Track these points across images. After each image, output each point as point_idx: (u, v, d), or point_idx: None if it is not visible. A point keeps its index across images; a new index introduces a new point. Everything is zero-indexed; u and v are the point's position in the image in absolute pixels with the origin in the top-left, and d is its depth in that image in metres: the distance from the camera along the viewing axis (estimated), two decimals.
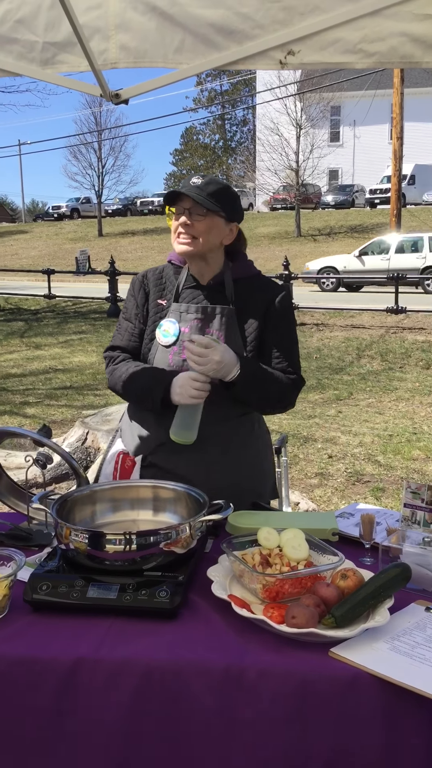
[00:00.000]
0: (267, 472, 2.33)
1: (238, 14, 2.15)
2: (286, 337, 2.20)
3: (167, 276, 2.23)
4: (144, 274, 2.27)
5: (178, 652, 1.40)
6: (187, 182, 2.08)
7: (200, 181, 2.06)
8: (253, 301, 2.16)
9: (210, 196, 2.04)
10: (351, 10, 2.04)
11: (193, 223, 2.05)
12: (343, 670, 1.36)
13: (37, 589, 1.55)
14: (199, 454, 2.10)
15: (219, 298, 2.15)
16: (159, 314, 2.19)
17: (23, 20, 2.28)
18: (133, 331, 2.23)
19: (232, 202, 2.10)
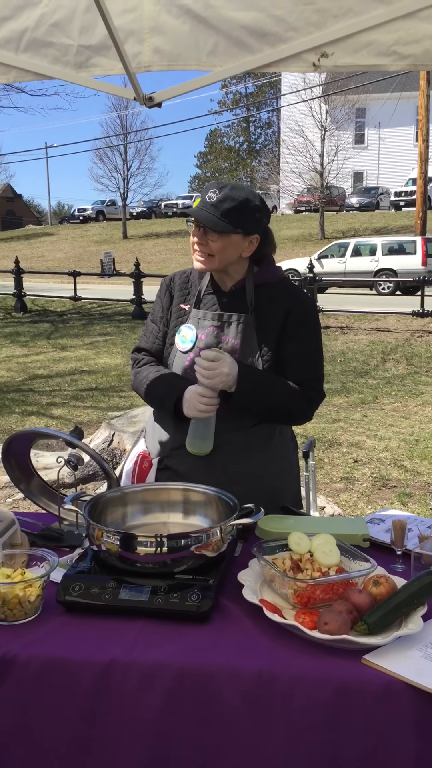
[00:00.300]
0: (290, 480, 2.28)
1: (271, 16, 2.14)
2: (306, 346, 2.13)
3: (192, 280, 2.21)
4: (171, 277, 2.26)
5: (209, 655, 1.40)
6: (204, 195, 2.02)
7: (215, 198, 1.98)
8: (273, 307, 2.10)
9: (225, 216, 1.97)
10: (385, 13, 2.03)
11: (207, 242, 2.01)
12: (376, 678, 1.34)
13: (70, 590, 1.56)
14: (213, 461, 2.09)
15: (239, 305, 2.11)
16: (180, 319, 2.18)
17: (58, 24, 2.30)
18: (157, 333, 2.23)
19: (251, 217, 2.02)
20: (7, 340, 12.43)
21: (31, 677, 1.39)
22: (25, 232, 47.69)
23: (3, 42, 2.39)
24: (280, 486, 2.22)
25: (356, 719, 1.32)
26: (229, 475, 2.05)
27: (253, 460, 2.14)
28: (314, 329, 2.17)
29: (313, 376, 2.14)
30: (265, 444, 2.16)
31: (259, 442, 2.15)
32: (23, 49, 2.39)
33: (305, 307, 2.15)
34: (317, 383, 2.15)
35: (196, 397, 1.98)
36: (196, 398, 1.98)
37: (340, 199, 37.17)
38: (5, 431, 6.61)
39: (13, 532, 1.84)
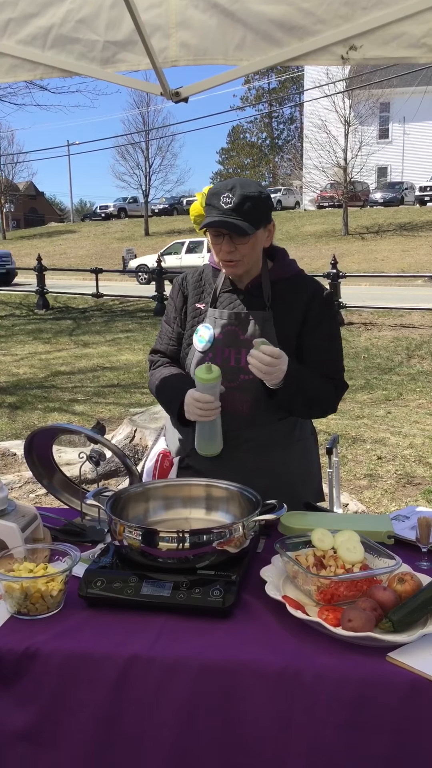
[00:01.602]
0: (311, 475, 2.28)
1: (299, 9, 2.12)
2: (327, 339, 2.12)
3: (206, 278, 2.19)
4: (183, 277, 2.23)
5: (232, 651, 1.40)
6: (217, 202, 1.94)
7: (232, 201, 1.92)
8: (291, 302, 2.09)
9: (248, 217, 1.93)
10: (415, 3, 1.99)
11: (236, 248, 1.98)
12: (402, 676, 1.33)
13: (92, 584, 1.56)
14: (235, 458, 2.09)
15: (256, 302, 2.09)
16: (197, 318, 2.16)
17: (85, 20, 2.29)
18: (171, 335, 2.22)
19: (267, 207, 2.00)
20: (30, 337, 12.53)
21: (53, 671, 1.40)
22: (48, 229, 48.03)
23: (29, 39, 2.39)
24: (302, 481, 2.21)
25: (380, 717, 1.31)
26: (251, 472, 2.05)
27: (274, 456, 2.13)
28: (334, 321, 2.18)
29: (337, 368, 2.15)
30: (287, 440, 2.16)
31: (281, 438, 2.14)
32: (50, 45, 2.40)
33: (324, 300, 2.14)
34: (341, 374, 2.17)
35: (192, 402, 1.97)
36: (193, 404, 1.97)
37: (364, 195, 36.88)
38: (28, 427, 6.66)
39: (35, 527, 1.85)
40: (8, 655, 1.41)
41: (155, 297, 14.86)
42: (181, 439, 2.20)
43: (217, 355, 2.07)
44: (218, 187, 1.97)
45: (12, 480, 5.03)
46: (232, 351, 2.06)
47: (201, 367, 1.94)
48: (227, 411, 2.05)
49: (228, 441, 2.08)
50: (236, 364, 2.06)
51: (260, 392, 2.04)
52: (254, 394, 2.06)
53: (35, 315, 15.17)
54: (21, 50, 2.41)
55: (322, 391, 2.09)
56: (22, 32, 2.37)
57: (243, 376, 2.05)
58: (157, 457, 2.29)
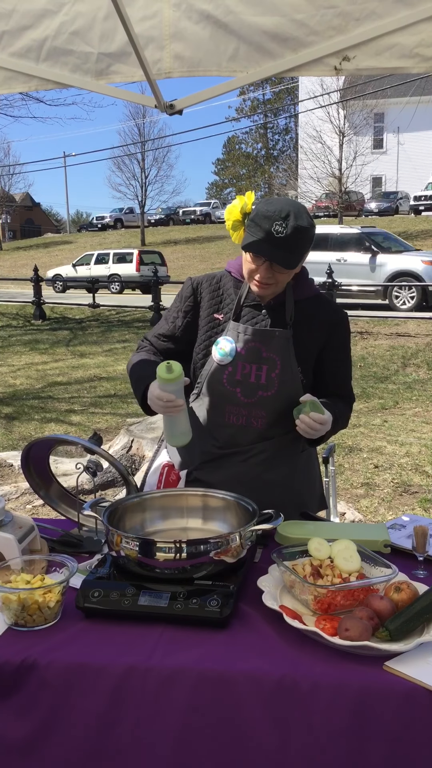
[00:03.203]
0: (314, 485, 2.30)
1: (292, 21, 2.13)
2: (345, 362, 2.20)
3: (225, 288, 2.17)
4: (199, 282, 2.19)
5: (229, 661, 1.39)
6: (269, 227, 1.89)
7: (285, 231, 1.89)
8: (313, 323, 2.11)
9: (298, 250, 1.94)
10: (408, 16, 2.01)
11: (274, 274, 1.98)
12: (399, 685, 1.33)
13: (89, 596, 1.56)
14: (243, 471, 2.10)
15: (278, 319, 2.09)
16: (214, 329, 2.14)
17: (78, 32, 2.30)
18: (165, 332, 2.21)
19: (313, 239, 1.99)
20: (27, 348, 12.52)
21: (51, 682, 1.39)
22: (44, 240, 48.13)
23: (24, 51, 2.40)
24: (308, 490, 2.25)
25: (378, 726, 1.31)
26: (263, 484, 2.08)
27: (283, 467, 2.15)
28: (350, 342, 2.23)
29: (350, 385, 2.23)
30: (293, 451, 2.18)
31: (288, 450, 2.17)
32: (44, 58, 2.41)
33: (343, 322, 2.18)
34: (352, 391, 2.25)
35: (154, 399, 1.95)
36: (155, 400, 1.94)
37: (359, 204, 37.05)
38: (25, 438, 6.65)
39: (32, 538, 1.84)
40: (5, 666, 1.41)
41: (152, 307, 14.88)
42: (187, 452, 2.19)
43: (238, 370, 2.07)
44: (272, 210, 1.92)
45: (9, 491, 5.02)
46: (254, 367, 2.07)
47: (161, 365, 1.90)
48: (242, 426, 2.08)
49: (239, 454, 2.10)
50: (256, 381, 2.07)
51: (276, 409, 2.07)
52: (270, 410, 2.08)
53: (32, 326, 15.16)
54: (15, 63, 2.42)
55: (343, 417, 2.17)
56: (16, 44, 2.38)
57: (261, 393, 2.07)
58: (162, 470, 2.27)
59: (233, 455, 2.10)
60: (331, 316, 2.15)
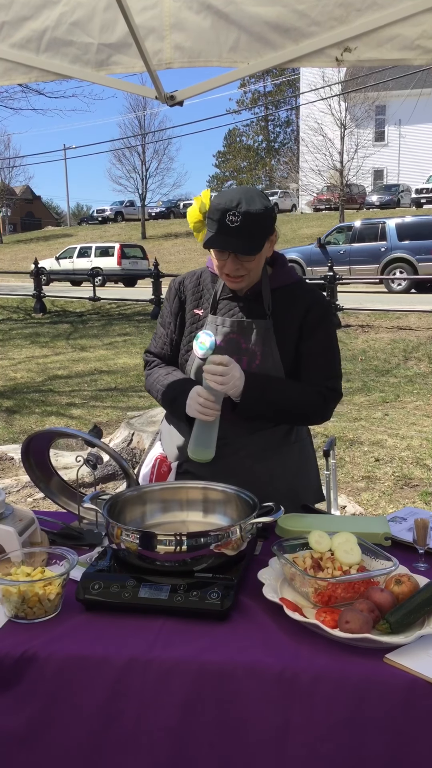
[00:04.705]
0: (310, 478, 2.28)
1: (294, 12, 2.12)
2: (323, 347, 2.12)
3: (205, 283, 2.17)
4: (181, 281, 2.20)
5: (230, 654, 1.39)
6: (223, 220, 1.89)
7: (238, 220, 1.88)
8: (291, 311, 2.08)
9: (254, 236, 1.91)
10: (409, 6, 1.99)
11: (243, 265, 1.97)
12: (399, 677, 1.33)
13: (89, 588, 1.56)
14: (234, 464, 2.09)
15: (256, 309, 2.08)
16: (195, 324, 2.14)
17: (78, 22, 2.29)
18: (165, 338, 2.21)
19: (271, 220, 1.96)
20: (27, 341, 12.52)
21: (51, 675, 1.40)
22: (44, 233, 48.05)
23: (23, 42, 2.39)
24: (301, 482, 2.22)
25: (378, 718, 1.31)
26: (251, 477, 2.05)
27: (273, 459, 2.14)
28: (331, 329, 2.15)
29: (330, 375, 2.13)
30: (284, 442, 2.16)
31: (278, 442, 2.15)
32: (44, 48, 2.39)
33: (322, 308, 2.12)
34: (335, 382, 2.14)
35: (195, 397, 1.95)
36: (195, 398, 1.95)
37: (361, 197, 36.96)
38: (25, 431, 6.65)
39: (33, 530, 1.84)
40: (6, 659, 1.41)
41: (152, 300, 14.85)
42: (180, 446, 2.19)
43: None
44: (222, 202, 1.91)
45: (9, 484, 5.02)
46: (234, 359, 2.06)
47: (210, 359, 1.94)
48: (227, 418, 2.05)
49: (227, 446, 2.08)
50: None
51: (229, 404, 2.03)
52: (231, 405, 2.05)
53: (32, 319, 15.15)
54: (15, 54, 2.40)
55: (297, 400, 2.06)
56: (16, 35, 2.36)
57: None
58: (153, 461, 2.27)
59: (223, 447, 2.07)
60: (306, 299, 2.10)
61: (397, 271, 18.08)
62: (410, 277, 17.42)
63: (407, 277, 17.52)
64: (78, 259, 25.54)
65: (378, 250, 18.44)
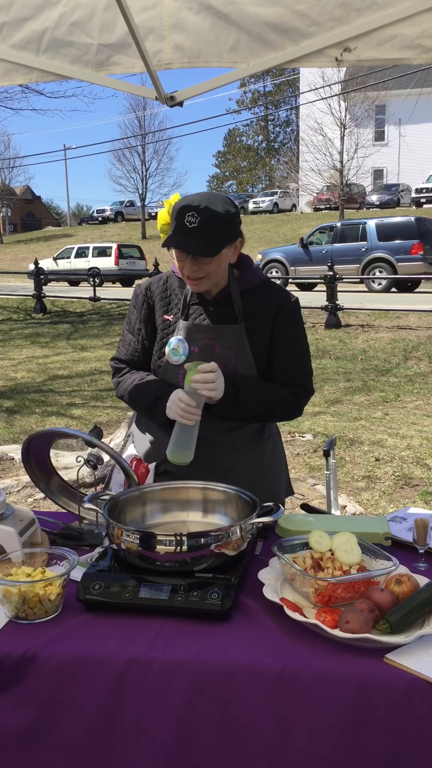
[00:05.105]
0: (280, 471, 2.31)
1: (293, 12, 2.12)
2: (293, 345, 2.13)
3: (172, 289, 2.15)
4: (147, 286, 2.19)
5: (230, 654, 1.39)
6: (182, 221, 1.90)
7: (196, 221, 1.89)
8: (262, 313, 2.09)
9: (213, 238, 1.91)
10: (409, 6, 1.99)
11: (200, 266, 1.97)
12: (399, 677, 1.33)
13: (90, 588, 1.56)
14: (212, 462, 2.09)
15: (227, 313, 2.08)
16: (166, 331, 2.13)
17: (78, 23, 2.29)
18: (136, 345, 2.19)
19: (234, 226, 1.97)
20: (28, 341, 12.52)
21: (51, 675, 1.40)
22: (45, 233, 48.06)
23: (23, 43, 2.39)
24: (274, 475, 2.26)
25: (378, 718, 1.31)
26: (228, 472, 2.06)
27: (250, 457, 2.16)
28: (300, 328, 2.17)
29: (301, 373, 2.15)
30: (258, 440, 2.19)
31: (253, 438, 2.18)
32: (44, 49, 2.39)
33: (291, 307, 2.13)
34: (305, 380, 2.16)
35: (176, 401, 1.95)
36: (177, 402, 1.95)
37: (361, 197, 36.97)
38: (26, 431, 6.65)
39: (33, 531, 1.85)
40: (6, 659, 1.41)
41: None
42: (154, 444, 2.17)
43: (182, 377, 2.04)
44: (184, 203, 1.93)
45: (10, 484, 5.02)
46: None
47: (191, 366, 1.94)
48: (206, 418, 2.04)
49: (206, 445, 2.06)
50: None
51: None
52: None
53: (32, 319, 15.15)
54: (15, 55, 2.40)
55: (268, 399, 2.09)
56: (16, 36, 2.36)
57: None
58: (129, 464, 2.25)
59: (202, 446, 2.05)
60: (276, 299, 2.11)
61: (377, 270, 18.35)
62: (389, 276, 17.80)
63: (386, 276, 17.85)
64: (75, 259, 25.72)
65: (359, 250, 18.67)
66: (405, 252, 17.90)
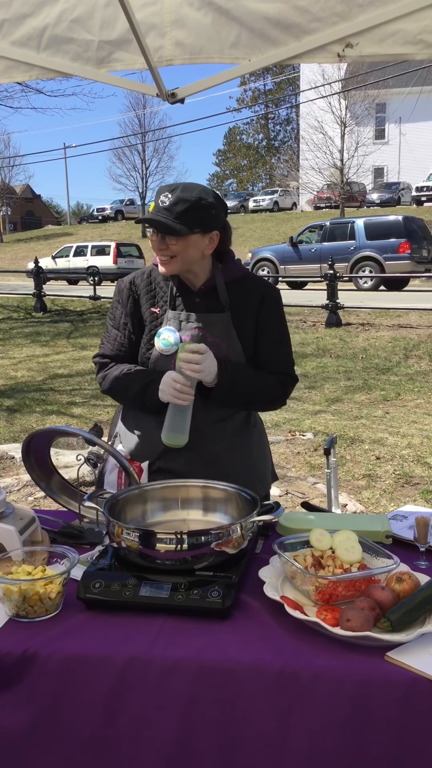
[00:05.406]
0: (267, 459, 2.35)
1: (295, 8, 2.11)
2: (277, 335, 2.18)
3: (156, 282, 2.17)
4: (131, 280, 2.20)
5: (231, 652, 1.39)
6: (157, 200, 2.01)
7: (168, 201, 1.97)
8: (246, 303, 2.13)
9: (180, 218, 1.96)
10: (411, 2, 1.98)
11: (168, 245, 2.00)
12: (400, 675, 1.33)
13: (90, 587, 1.56)
14: (205, 452, 2.10)
15: (213, 303, 2.11)
16: (154, 323, 2.14)
17: (79, 19, 2.28)
18: (122, 340, 2.19)
19: (207, 214, 2.00)
20: (28, 340, 12.52)
21: (52, 673, 1.39)
22: (45, 232, 48.07)
23: (24, 40, 2.38)
24: (263, 462, 2.30)
25: (379, 716, 1.31)
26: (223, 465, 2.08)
27: (239, 446, 2.19)
28: (283, 318, 2.22)
29: (286, 362, 2.21)
30: (246, 429, 2.23)
31: (241, 428, 2.21)
32: (44, 46, 2.38)
33: (274, 298, 2.18)
34: (291, 369, 2.22)
35: (170, 382, 1.97)
36: (171, 383, 1.97)
37: (361, 195, 36.96)
38: (26, 430, 6.65)
39: (33, 529, 1.84)
40: (7, 657, 1.41)
41: None
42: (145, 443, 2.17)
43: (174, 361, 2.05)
44: (165, 187, 2.02)
45: (10, 483, 5.02)
46: None
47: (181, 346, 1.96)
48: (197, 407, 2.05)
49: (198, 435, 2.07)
50: None
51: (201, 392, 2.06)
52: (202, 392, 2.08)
53: (33, 318, 15.14)
54: (16, 52, 2.40)
55: (262, 387, 2.14)
56: (16, 33, 2.36)
57: None
58: None
59: (193, 438, 2.05)
60: (259, 290, 2.16)
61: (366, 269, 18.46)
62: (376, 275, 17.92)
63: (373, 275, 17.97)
64: (74, 258, 25.81)
65: (347, 249, 18.74)
66: (393, 251, 18.09)
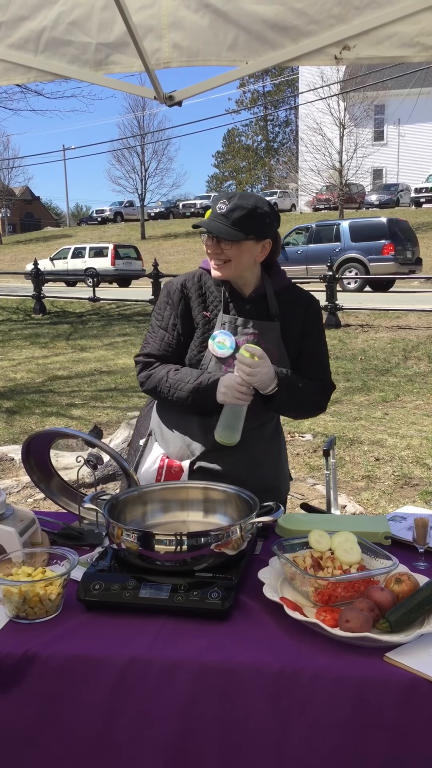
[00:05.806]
0: (286, 463, 2.41)
1: (292, 10, 2.12)
2: (318, 345, 2.25)
3: (207, 286, 2.20)
4: (182, 283, 2.21)
5: (230, 653, 1.40)
6: (214, 206, 2.07)
7: (225, 208, 2.04)
8: (292, 312, 2.18)
9: (236, 225, 2.02)
10: (408, 5, 1.99)
11: (222, 250, 2.06)
12: (399, 676, 1.33)
13: (90, 588, 1.56)
14: (246, 455, 2.14)
15: (263, 311, 2.16)
16: (206, 326, 2.16)
17: (76, 22, 2.29)
18: (170, 341, 2.19)
19: (261, 222, 2.06)
20: (27, 342, 12.51)
21: (52, 675, 1.40)
22: (44, 234, 48.07)
23: (22, 42, 2.39)
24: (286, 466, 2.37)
25: (378, 717, 1.31)
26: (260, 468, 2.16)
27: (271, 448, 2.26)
28: (322, 327, 2.30)
29: (327, 370, 2.27)
30: (276, 433, 2.31)
31: (273, 432, 2.29)
32: (42, 49, 2.39)
33: (315, 308, 2.25)
34: (330, 376, 2.28)
35: (235, 385, 2.01)
36: (236, 386, 2.01)
37: (360, 197, 36.96)
38: (26, 432, 6.65)
39: (33, 531, 1.85)
40: (7, 659, 1.41)
41: (152, 300, 14.85)
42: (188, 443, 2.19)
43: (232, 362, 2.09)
44: (223, 194, 2.09)
45: (10, 485, 5.02)
46: None
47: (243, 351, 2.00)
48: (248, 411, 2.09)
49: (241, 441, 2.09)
50: None
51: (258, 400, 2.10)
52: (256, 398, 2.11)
53: (32, 320, 15.14)
54: (13, 55, 2.40)
55: (311, 395, 2.19)
56: (14, 35, 2.36)
57: None
58: (161, 463, 2.24)
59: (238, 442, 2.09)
60: (302, 300, 2.22)
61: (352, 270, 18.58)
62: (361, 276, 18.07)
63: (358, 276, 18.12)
64: (72, 259, 25.60)
65: (333, 251, 18.81)
66: (377, 252, 18.25)
